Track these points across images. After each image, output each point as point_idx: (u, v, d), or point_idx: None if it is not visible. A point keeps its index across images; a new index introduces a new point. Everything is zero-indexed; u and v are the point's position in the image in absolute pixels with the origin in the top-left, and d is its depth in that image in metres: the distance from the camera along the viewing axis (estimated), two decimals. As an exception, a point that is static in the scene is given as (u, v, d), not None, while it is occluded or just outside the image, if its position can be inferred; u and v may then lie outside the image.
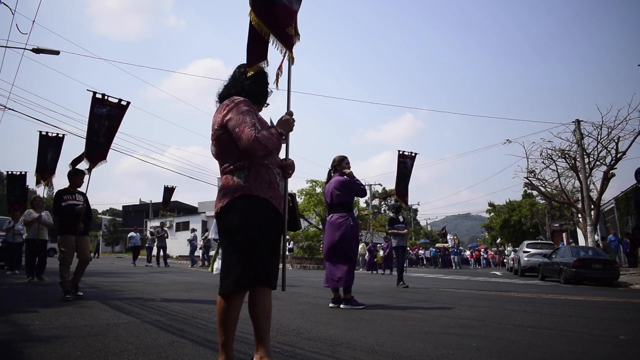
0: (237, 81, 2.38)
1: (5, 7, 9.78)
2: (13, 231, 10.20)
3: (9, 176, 10.52)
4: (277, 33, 2.43)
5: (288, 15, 2.46)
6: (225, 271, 2.09)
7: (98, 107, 6.17)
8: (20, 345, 2.87)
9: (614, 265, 11.75)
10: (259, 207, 2.10)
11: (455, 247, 31.51)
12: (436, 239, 33.82)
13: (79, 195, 5.87)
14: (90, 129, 6.17)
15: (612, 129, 17.47)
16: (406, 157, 10.49)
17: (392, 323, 4.06)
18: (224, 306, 2.07)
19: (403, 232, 9.33)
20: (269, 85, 2.45)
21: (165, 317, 4.11)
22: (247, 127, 2.06)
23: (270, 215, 2.15)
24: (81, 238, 5.71)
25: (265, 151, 2.10)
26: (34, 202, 9.05)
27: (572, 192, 21.87)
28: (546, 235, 29.96)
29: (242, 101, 2.20)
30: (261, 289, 2.19)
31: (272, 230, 2.16)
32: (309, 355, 2.69)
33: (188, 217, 38.75)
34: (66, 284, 5.42)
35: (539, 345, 3.12)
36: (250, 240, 2.06)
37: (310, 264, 21.73)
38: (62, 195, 5.78)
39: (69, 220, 5.62)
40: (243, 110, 2.14)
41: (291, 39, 2.47)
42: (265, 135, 2.08)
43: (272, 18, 2.42)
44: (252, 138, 2.03)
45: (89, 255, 5.84)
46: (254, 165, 2.14)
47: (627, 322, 4.53)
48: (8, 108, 12.71)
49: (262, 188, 2.13)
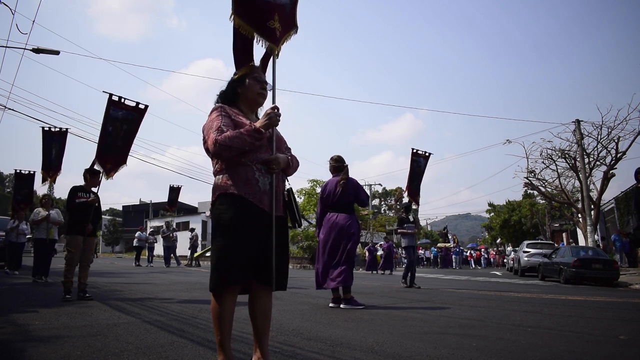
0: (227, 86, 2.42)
1: (5, 7, 9.79)
2: (17, 231, 10.07)
3: (17, 175, 10.31)
4: (260, 28, 2.43)
5: (270, 9, 2.45)
6: (210, 269, 2.12)
7: (114, 110, 6.04)
8: (20, 345, 2.87)
9: (614, 265, 11.76)
10: (234, 204, 2.10)
11: (457, 247, 31.46)
12: (436, 239, 33.77)
13: (93, 195, 5.83)
14: (104, 131, 6.04)
15: (612, 129, 17.51)
16: (420, 156, 10.21)
17: (392, 323, 4.06)
18: (215, 305, 2.09)
19: (412, 231, 9.21)
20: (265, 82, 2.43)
21: (165, 317, 4.11)
22: (211, 132, 2.11)
23: (247, 212, 2.11)
24: (88, 239, 5.67)
25: (231, 151, 2.08)
26: (43, 201, 8.80)
27: (572, 192, 21.88)
28: (546, 235, 29.96)
29: (214, 109, 2.25)
30: (259, 289, 2.20)
31: (254, 227, 2.12)
32: (309, 355, 2.69)
33: (188, 217, 38.80)
34: (68, 284, 5.39)
35: (539, 345, 3.12)
36: (227, 237, 2.08)
37: (310, 264, 21.73)
38: (77, 192, 5.73)
39: (80, 218, 5.58)
40: (212, 117, 2.19)
41: (274, 33, 2.45)
42: (229, 135, 2.07)
43: (253, 14, 2.43)
44: (213, 141, 2.07)
45: (90, 257, 5.80)
46: (231, 165, 2.16)
47: (627, 322, 4.53)
48: (8, 108, 12.72)
49: (239, 186, 2.13)
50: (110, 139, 6.06)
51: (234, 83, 2.38)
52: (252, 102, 2.37)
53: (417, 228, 9.68)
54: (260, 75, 2.39)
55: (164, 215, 43.38)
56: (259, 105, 2.41)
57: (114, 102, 6.03)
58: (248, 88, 2.34)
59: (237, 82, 2.37)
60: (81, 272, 5.61)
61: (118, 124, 6.09)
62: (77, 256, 5.57)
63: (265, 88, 2.37)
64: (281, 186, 2.29)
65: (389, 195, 69.17)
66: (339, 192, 5.38)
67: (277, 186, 2.22)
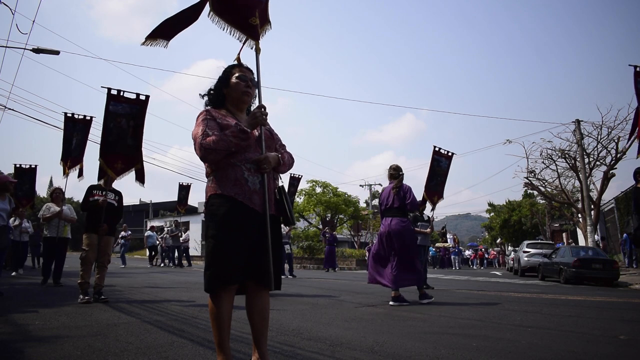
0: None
1: (5, 7, 9.79)
2: (20, 229, 9.73)
3: (17, 169, 9.76)
4: (243, 26, 2.45)
5: (250, 6, 2.46)
6: (204, 269, 2.13)
7: (114, 105, 5.75)
8: (20, 345, 2.87)
9: (614, 265, 11.75)
10: (224, 204, 2.11)
11: (456, 246, 31.34)
12: (436, 238, 33.70)
13: (112, 194, 5.69)
14: (105, 128, 5.74)
15: (612, 129, 17.49)
16: (442, 155, 9.36)
17: (392, 323, 4.06)
18: (212, 305, 2.10)
19: (426, 230, 8.93)
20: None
21: (165, 317, 4.11)
22: (197, 137, 2.13)
23: (238, 212, 2.11)
24: (104, 238, 5.54)
25: (217, 154, 2.10)
26: (53, 195, 7.98)
27: (572, 192, 21.87)
28: (546, 235, 29.96)
29: (200, 114, 2.26)
30: (255, 289, 2.20)
31: (245, 227, 2.12)
32: (309, 355, 2.69)
33: (188, 217, 38.76)
34: (84, 285, 5.26)
35: (539, 345, 3.12)
36: (218, 238, 2.08)
37: (310, 264, 21.72)
38: (93, 190, 5.64)
39: (93, 217, 5.48)
40: (198, 122, 2.21)
41: (256, 29, 2.45)
42: (214, 139, 2.08)
43: (234, 11, 2.43)
44: (199, 146, 2.10)
45: (108, 258, 5.63)
46: (220, 167, 2.17)
47: (627, 322, 4.53)
48: (8, 108, 12.72)
49: (228, 187, 2.13)
50: (113, 137, 5.75)
51: (220, 84, 2.37)
52: (239, 101, 2.35)
53: (431, 227, 9.42)
54: (244, 74, 2.34)
55: (164, 216, 43.37)
56: (246, 104, 2.39)
57: (113, 96, 5.74)
58: (233, 88, 2.33)
59: (222, 83, 2.36)
60: (97, 274, 5.47)
61: (120, 119, 5.79)
62: (92, 256, 5.43)
63: (251, 86, 2.35)
64: (272, 185, 2.28)
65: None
66: (392, 198, 5.93)
67: (268, 185, 2.22)
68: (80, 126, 7.49)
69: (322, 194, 29.19)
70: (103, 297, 5.30)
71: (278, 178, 2.39)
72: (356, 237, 35.44)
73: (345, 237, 38.96)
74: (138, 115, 5.87)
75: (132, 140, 5.82)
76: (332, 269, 17.62)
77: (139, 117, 5.87)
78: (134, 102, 5.84)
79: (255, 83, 2.38)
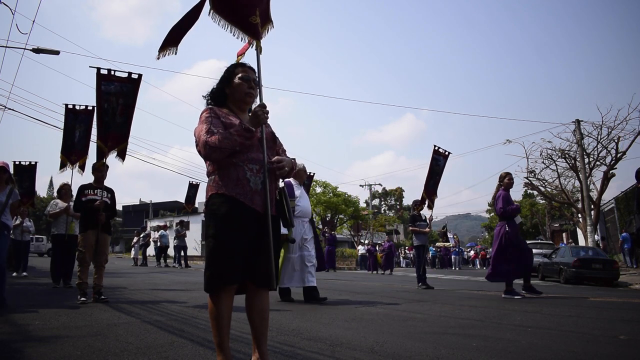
0: None
1: (5, 7, 9.79)
2: (21, 228, 9.55)
3: (16, 167, 9.56)
4: (243, 25, 2.44)
5: (251, 4, 2.45)
6: (204, 269, 2.13)
7: (105, 85, 5.60)
8: (20, 345, 2.87)
9: (614, 265, 11.74)
10: (225, 204, 2.10)
11: (457, 246, 31.29)
12: (436, 238, 33.69)
13: (104, 192, 5.64)
14: (99, 109, 5.62)
15: (612, 129, 17.50)
16: (440, 154, 9.64)
17: (392, 323, 4.06)
18: (212, 305, 2.10)
19: (425, 230, 9.01)
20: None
21: (165, 317, 4.11)
22: (201, 135, 2.11)
23: (239, 212, 2.10)
24: (101, 238, 5.48)
25: (222, 152, 2.08)
26: (61, 191, 7.76)
27: (572, 192, 21.87)
28: (546, 235, 29.97)
29: (203, 111, 2.25)
30: (256, 289, 2.19)
31: (246, 227, 2.11)
32: (309, 355, 2.69)
33: (188, 217, 38.74)
34: (83, 285, 5.24)
35: (539, 345, 3.12)
36: (218, 238, 2.08)
37: (310, 264, 21.70)
38: (84, 189, 5.60)
39: (89, 216, 5.43)
40: (202, 119, 2.19)
41: (257, 28, 2.44)
42: (218, 137, 2.06)
43: (234, 10, 2.43)
44: (203, 144, 2.08)
45: (105, 257, 5.56)
46: (222, 166, 2.16)
47: (627, 322, 4.52)
48: (8, 108, 12.72)
49: (229, 186, 2.12)
50: (108, 117, 5.64)
51: (222, 83, 2.36)
52: (241, 102, 2.34)
53: (430, 227, 9.41)
54: (248, 74, 2.32)
55: (164, 215, 43.36)
56: (248, 104, 2.37)
57: (104, 75, 5.57)
58: (235, 89, 2.31)
59: (225, 82, 2.35)
60: (96, 272, 5.43)
61: (113, 98, 5.65)
62: (89, 255, 5.40)
63: (254, 87, 2.33)
64: (274, 186, 2.28)
65: (389, 195, 69.18)
66: (495, 203, 7.04)
67: (270, 185, 2.22)
68: (82, 117, 7.17)
69: (322, 193, 29.21)
70: (103, 297, 5.28)
71: (278, 179, 2.39)
72: (356, 237, 35.48)
73: (345, 237, 38.97)
74: (130, 94, 5.73)
75: (120, 118, 5.68)
76: (332, 269, 17.73)
77: (129, 96, 5.73)
78: (126, 81, 5.72)
79: (257, 83, 2.37)
